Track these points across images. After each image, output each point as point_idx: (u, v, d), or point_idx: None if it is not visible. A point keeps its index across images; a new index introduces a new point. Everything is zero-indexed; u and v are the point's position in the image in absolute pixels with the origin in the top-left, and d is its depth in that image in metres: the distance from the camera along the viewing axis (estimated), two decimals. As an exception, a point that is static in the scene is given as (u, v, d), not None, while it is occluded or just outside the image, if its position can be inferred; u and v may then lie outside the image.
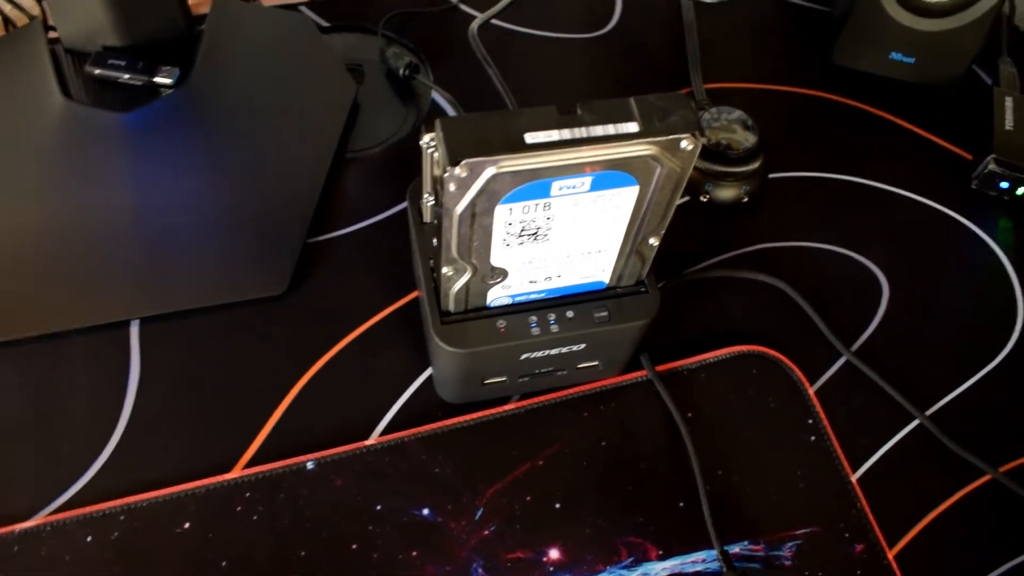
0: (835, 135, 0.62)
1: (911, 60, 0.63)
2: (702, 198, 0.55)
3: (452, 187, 0.34)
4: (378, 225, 0.54)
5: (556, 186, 0.35)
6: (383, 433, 0.47)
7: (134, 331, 0.49)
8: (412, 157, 0.57)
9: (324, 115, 0.57)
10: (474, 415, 0.48)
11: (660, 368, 0.50)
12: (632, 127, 0.34)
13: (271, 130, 0.55)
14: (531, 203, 0.36)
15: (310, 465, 0.46)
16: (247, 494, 0.45)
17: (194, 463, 0.46)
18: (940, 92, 0.65)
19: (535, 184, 0.35)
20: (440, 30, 0.63)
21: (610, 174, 0.35)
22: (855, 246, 0.56)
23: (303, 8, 0.64)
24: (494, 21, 0.64)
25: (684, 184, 0.37)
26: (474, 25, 0.55)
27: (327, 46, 0.60)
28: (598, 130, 0.34)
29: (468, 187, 0.34)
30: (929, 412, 0.50)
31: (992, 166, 0.58)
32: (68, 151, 0.52)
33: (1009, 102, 0.61)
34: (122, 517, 0.44)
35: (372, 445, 0.46)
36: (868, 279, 0.55)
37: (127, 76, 0.54)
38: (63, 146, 0.52)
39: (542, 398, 0.49)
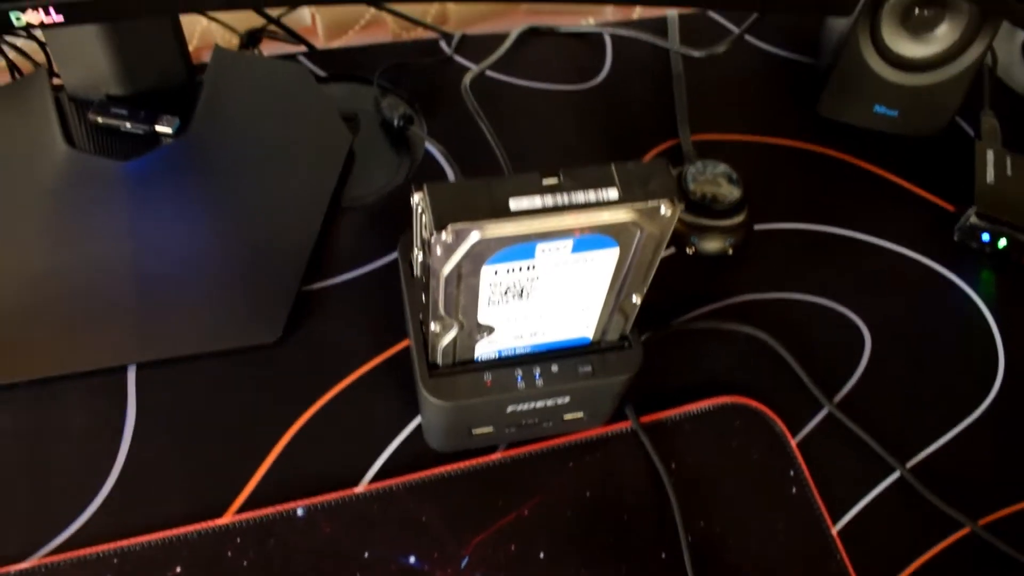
0: (819, 186, 0.63)
1: (894, 113, 0.64)
2: (688, 250, 0.57)
3: (439, 251, 0.35)
4: (371, 274, 0.55)
5: (540, 248, 0.36)
6: (373, 480, 0.48)
7: (131, 376, 0.50)
8: (406, 206, 0.58)
9: (320, 164, 0.58)
10: (462, 464, 0.49)
11: (645, 419, 0.51)
12: (613, 193, 0.35)
13: (268, 179, 0.57)
14: (515, 264, 0.37)
15: (300, 512, 0.47)
16: (238, 540, 0.46)
17: (187, 508, 0.46)
18: (923, 144, 0.66)
19: (519, 247, 0.36)
20: (435, 81, 0.65)
21: (592, 237, 0.37)
22: (838, 298, 0.57)
23: (301, 58, 0.65)
24: (488, 73, 0.65)
25: (664, 246, 0.38)
26: (467, 79, 0.57)
27: (324, 96, 0.62)
28: (579, 196, 0.35)
29: (454, 250, 0.35)
30: (910, 464, 0.51)
31: (973, 219, 0.59)
32: (70, 198, 0.54)
33: (990, 155, 0.62)
34: (115, 560, 0.45)
35: (362, 493, 0.47)
36: (851, 331, 0.56)
37: (129, 125, 0.56)
38: (65, 193, 0.54)
39: (528, 447, 0.49)
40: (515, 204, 0.35)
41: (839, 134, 0.66)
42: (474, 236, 0.34)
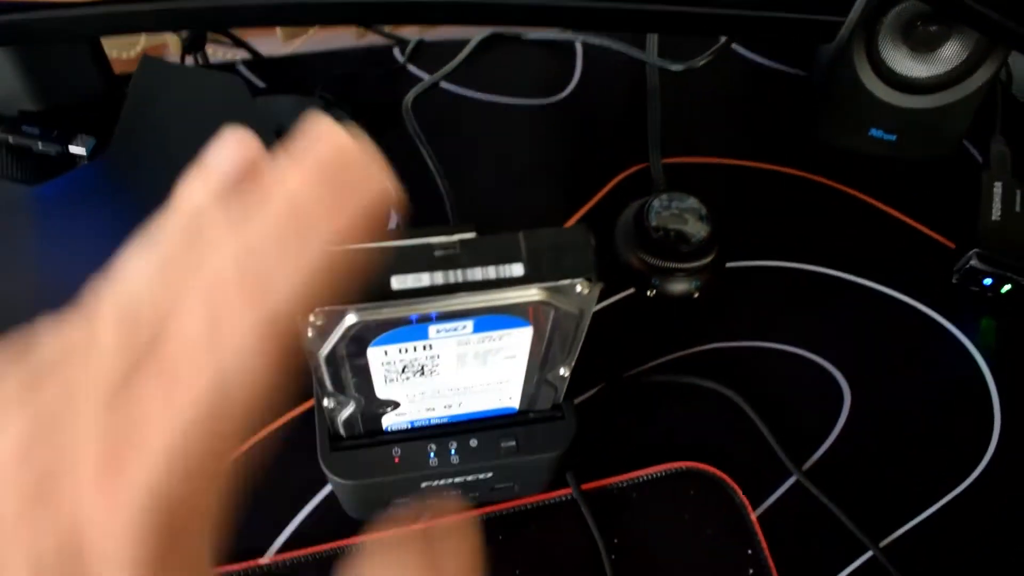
0: (804, 218, 0.57)
1: (892, 138, 0.58)
2: (648, 292, 0.51)
3: (310, 333, 0.30)
4: (299, 311, 0.51)
5: (433, 329, 0.31)
6: (282, 549, 0.44)
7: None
8: (343, 235, 0.53)
9: (250, 189, 0.53)
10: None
11: (588, 486, 0.46)
12: (517, 270, 0.30)
13: (190, 205, 0.52)
14: (408, 344, 0.32)
15: (197, 587, 0.42)
16: (127, 617, 0.41)
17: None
18: (925, 170, 0.60)
19: (408, 328, 0.31)
20: (384, 94, 0.59)
21: (495, 317, 0.31)
22: (817, 347, 0.52)
23: (241, 67, 0.60)
24: (443, 84, 0.60)
25: (587, 323, 0.33)
26: (408, 97, 0.52)
27: (258, 112, 0.57)
28: (477, 273, 0.30)
29: (328, 334, 0.30)
30: (884, 543, 0.46)
31: (975, 261, 0.53)
32: (-28, 225, 0.49)
33: (998, 188, 0.56)
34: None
35: (267, 564, 0.43)
36: (828, 386, 0.50)
37: (40, 145, 0.51)
38: (-34, 220, 0.49)
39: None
40: (398, 282, 0.29)
41: (830, 159, 0.60)
42: (348, 319, 0.29)
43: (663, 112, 0.59)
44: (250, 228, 0.18)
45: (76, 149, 0.51)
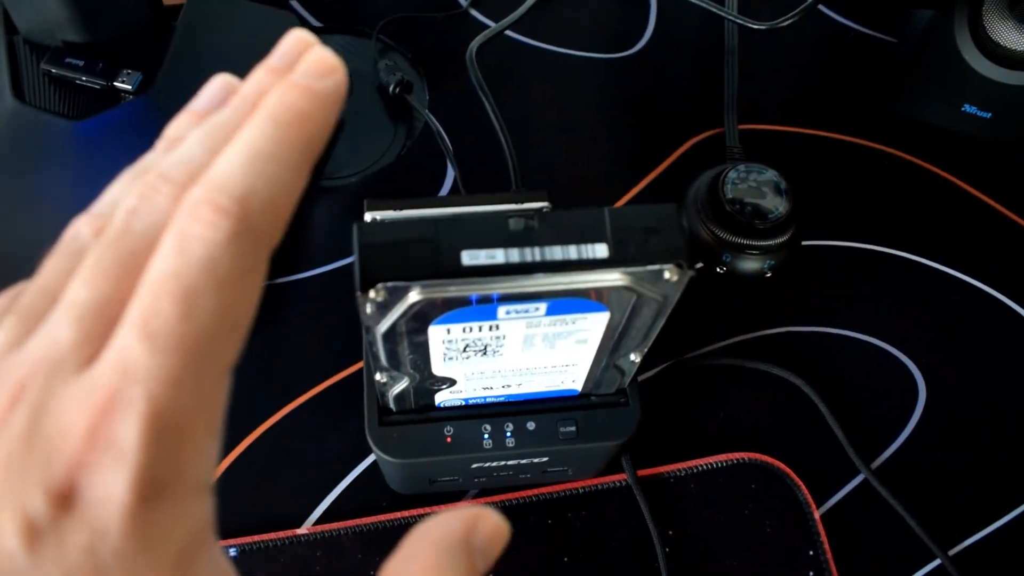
0: (886, 197, 0.53)
1: (987, 115, 0.54)
2: (718, 269, 0.48)
3: (368, 308, 0.27)
4: (347, 269, 0.48)
5: (502, 310, 0.29)
6: (319, 520, 0.42)
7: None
8: (395, 188, 0.50)
9: (299, 135, 0.51)
10: (422, 510, 0.42)
11: (644, 472, 0.43)
12: (600, 251, 0.27)
13: (237, 150, 0.49)
14: (473, 324, 0.29)
15: (232, 552, 0.41)
16: (159, 579, 0.40)
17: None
18: (1019, 152, 0.56)
19: (475, 308, 0.28)
20: (445, 39, 0.56)
21: (572, 300, 0.29)
22: (893, 337, 0.48)
23: (295, 3, 0.57)
24: (508, 33, 0.56)
25: (669, 311, 0.30)
26: (473, 45, 0.48)
27: (312, 53, 0.54)
28: (556, 252, 0.27)
29: (388, 309, 0.27)
30: (953, 551, 0.43)
31: (1068, 253, 0.49)
32: (11, 161, 0.47)
33: (1098, 175, 0.52)
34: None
35: (304, 535, 0.41)
36: (903, 379, 0.47)
37: (84, 78, 0.48)
38: (8, 155, 0.47)
39: (502, 496, 0.43)
40: (469, 258, 0.27)
41: (918, 135, 0.55)
42: (412, 296, 0.27)
43: (740, 75, 0.55)
44: (211, 122, 0.20)
45: (122, 84, 0.48)
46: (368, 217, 0.33)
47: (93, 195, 0.46)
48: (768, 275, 0.48)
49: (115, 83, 0.48)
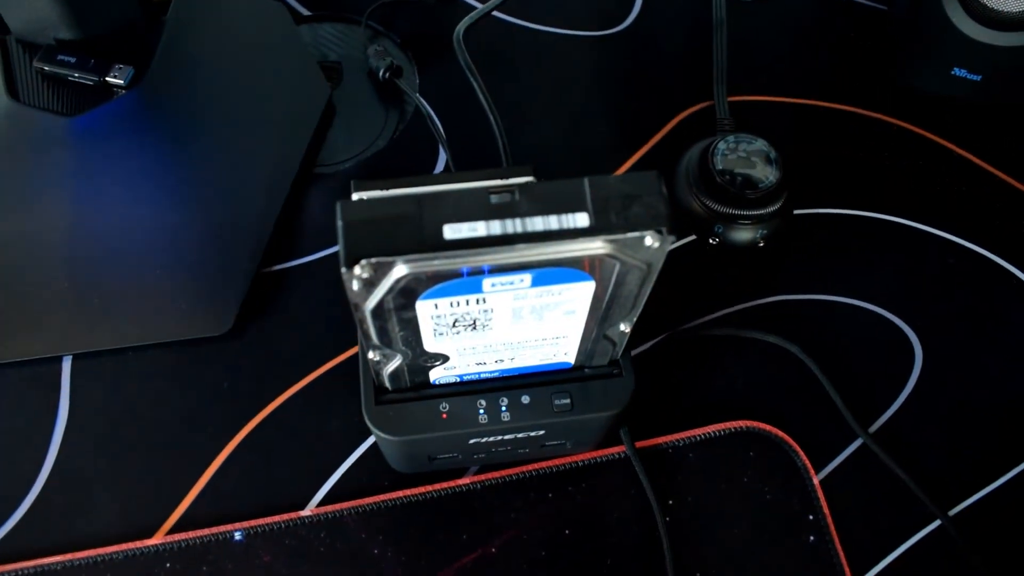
0: (878, 163, 0.53)
1: (977, 78, 0.54)
2: (711, 240, 0.48)
3: (355, 285, 0.28)
4: (342, 254, 0.48)
5: (488, 283, 0.29)
6: (322, 502, 0.42)
7: (66, 368, 0.45)
8: (388, 172, 0.50)
9: (291, 123, 0.51)
10: (423, 488, 0.42)
11: (642, 444, 0.44)
12: (582, 220, 0.28)
13: (229, 140, 0.49)
14: (460, 298, 0.30)
15: (238, 536, 0.41)
16: (167, 564, 0.41)
17: (115, 523, 0.42)
18: (1011, 115, 0.55)
19: (460, 281, 0.29)
20: (434, 23, 0.56)
21: (556, 270, 0.29)
22: (888, 302, 0.48)
23: (284, -8, 0.57)
24: (495, 14, 0.56)
25: (654, 277, 0.30)
26: (460, 27, 0.48)
27: (301, 42, 0.54)
28: (537, 223, 0.27)
29: (375, 286, 0.28)
30: (954, 511, 0.43)
31: (1063, 212, 0.49)
32: (8, 159, 0.48)
33: (1092, 133, 0.52)
34: (33, 580, 0.40)
35: (308, 517, 0.42)
36: (899, 344, 0.47)
37: (77, 74, 0.49)
38: (3, 153, 0.48)
39: (502, 472, 0.43)
40: (451, 232, 0.27)
41: (908, 100, 0.55)
42: (397, 271, 0.27)
43: (730, 46, 0.55)
44: None
45: (114, 79, 0.49)
46: (355, 197, 0.33)
47: (90, 188, 0.47)
48: (761, 244, 0.48)
49: (107, 78, 0.49)
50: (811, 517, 0.43)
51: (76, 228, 0.47)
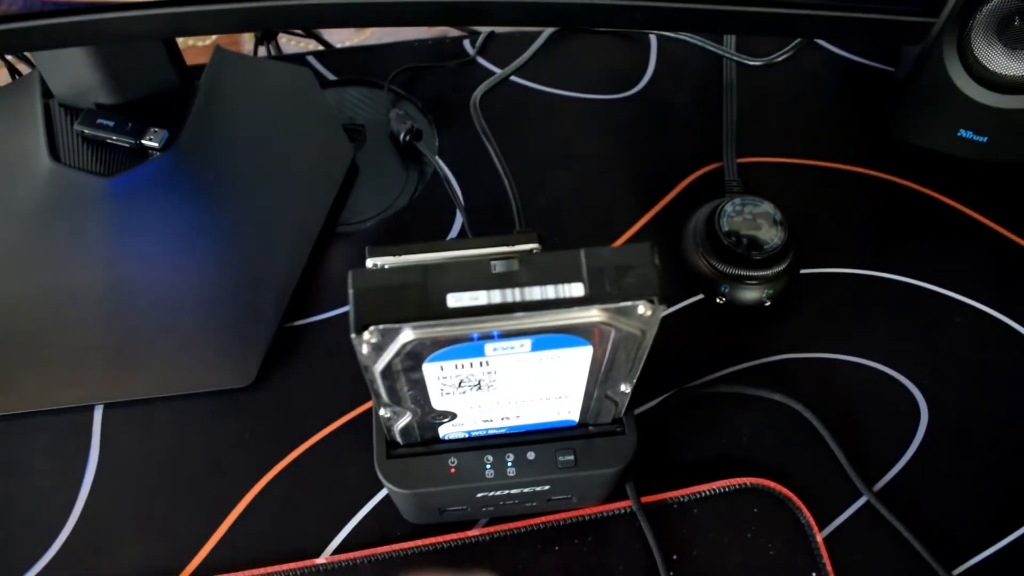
0: (885, 222, 0.54)
1: (983, 139, 0.55)
2: (718, 299, 0.50)
3: (364, 349, 0.29)
4: (362, 309, 0.50)
5: (490, 347, 0.31)
6: (337, 551, 0.44)
7: (97, 417, 0.47)
8: (406, 232, 0.53)
9: (315, 184, 0.54)
10: (434, 539, 0.44)
11: (648, 499, 0.45)
12: (577, 290, 0.29)
13: (257, 199, 0.52)
14: (464, 361, 0.32)
15: (255, 582, 0.43)
16: (187, 609, 0.42)
17: (139, 568, 0.43)
18: (1017, 175, 0.56)
19: (464, 346, 0.30)
20: (454, 87, 0.59)
21: (555, 336, 0.31)
22: (894, 361, 0.49)
23: (311, 59, 0.60)
24: (513, 79, 0.59)
25: (649, 344, 0.32)
26: (477, 94, 0.51)
27: (326, 105, 0.57)
28: (536, 292, 0.29)
29: (383, 350, 0.30)
30: (958, 571, 0.44)
31: (1068, 273, 0.50)
32: (50, 217, 0.51)
33: (1098, 195, 0.53)
34: (60, 621, 0.42)
35: (322, 564, 0.43)
36: (904, 402, 0.48)
37: (115, 137, 0.52)
38: (44, 212, 0.51)
39: (511, 525, 0.44)
40: (454, 300, 0.29)
41: (915, 160, 0.57)
42: (404, 337, 0.29)
43: (739, 109, 0.56)
44: None
45: (149, 142, 0.51)
46: (369, 263, 0.35)
47: (125, 246, 0.50)
48: (767, 304, 0.49)
49: (143, 141, 0.51)
50: (814, 574, 0.43)
51: (110, 283, 0.49)
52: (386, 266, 0.34)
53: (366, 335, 0.29)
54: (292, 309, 0.50)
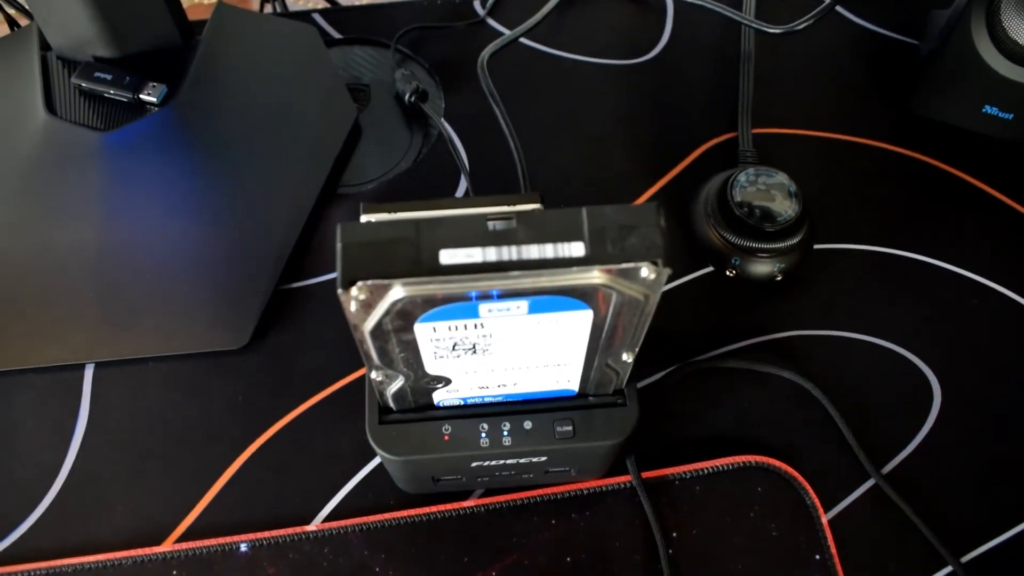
0: (904, 199, 0.53)
1: (1009, 116, 0.53)
2: (728, 272, 0.48)
3: (352, 307, 0.28)
4: (361, 273, 0.49)
5: (484, 308, 0.29)
6: (328, 518, 0.43)
7: (88, 376, 0.46)
8: (408, 195, 0.51)
9: (316, 144, 0.52)
10: (427, 509, 0.43)
11: (649, 474, 0.43)
12: (577, 249, 0.28)
13: (256, 158, 0.51)
14: (458, 322, 0.30)
15: (243, 547, 0.42)
16: (173, 572, 0.42)
17: (127, 529, 0.43)
18: (1044, 153, 0.55)
19: (457, 306, 0.29)
20: (461, 48, 0.57)
21: (552, 298, 0.29)
22: (907, 341, 0.48)
23: (316, 16, 0.58)
24: (523, 41, 0.57)
25: (652, 310, 0.30)
26: (485, 54, 0.49)
27: (331, 63, 0.55)
28: (533, 251, 0.28)
29: (372, 307, 0.28)
30: (966, 559, 0.42)
31: (1093, 255, 0.48)
32: (43, 172, 0.49)
33: None
34: (44, 581, 0.41)
35: (313, 532, 0.42)
36: (918, 384, 0.47)
37: (112, 91, 0.50)
38: (39, 166, 0.49)
39: (507, 497, 0.43)
40: (447, 257, 0.28)
41: (937, 136, 0.55)
42: (393, 294, 0.28)
43: (757, 78, 0.55)
44: None
45: (147, 96, 0.50)
46: (364, 219, 0.34)
47: (120, 201, 0.49)
48: (779, 278, 0.48)
49: (141, 95, 0.50)
50: (817, 557, 0.42)
51: (104, 240, 0.48)
52: (372, 222, 0.33)
53: (354, 291, 0.27)
54: (289, 270, 0.49)
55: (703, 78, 0.57)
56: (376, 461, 0.44)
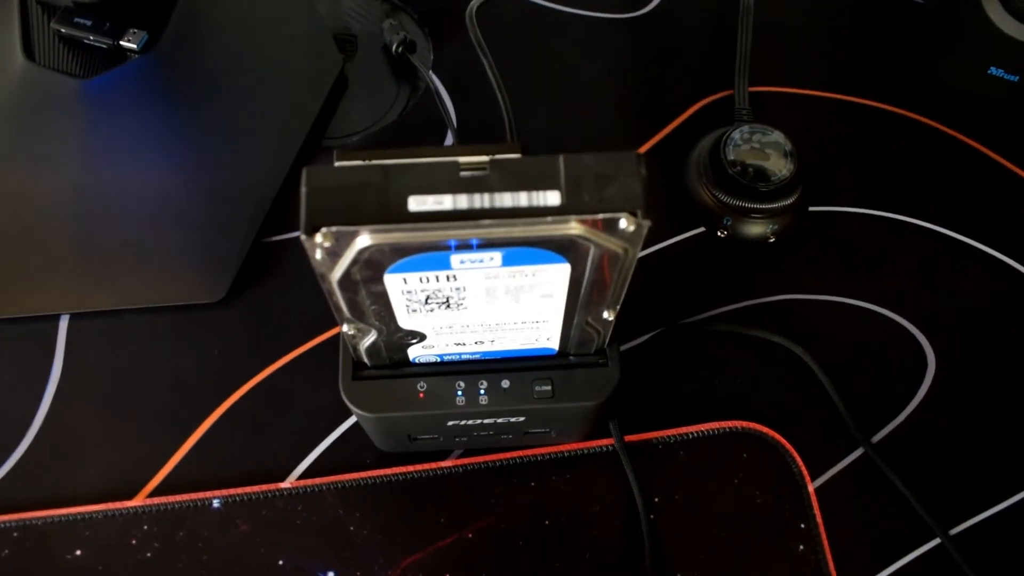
0: (903, 162, 0.51)
1: (1014, 79, 0.51)
2: (719, 232, 0.47)
3: (317, 255, 0.27)
4: (343, 228, 0.48)
5: (456, 259, 0.28)
6: (302, 476, 0.42)
7: (62, 327, 0.45)
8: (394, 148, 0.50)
9: (301, 94, 0.51)
10: (404, 468, 0.42)
11: (632, 438, 0.42)
12: (553, 198, 0.27)
13: (238, 107, 0.49)
14: (429, 273, 0.29)
15: (216, 503, 0.41)
16: (144, 527, 0.41)
17: (99, 482, 0.42)
18: (1051, 118, 0.53)
19: (428, 256, 0.28)
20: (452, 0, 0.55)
21: (527, 250, 0.28)
22: (902, 308, 0.46)
23: (304, -37, 0.56)
24: (517, -8, 0.55)
25: (633, 265, 0.29)
26: (473, 5, 0.47)
27: (316, 13, 0.53)
28: (506, 199, 0.26)
29: (338, 256, 0.27)
30: (955, 531, 0.41)
31: (1097, 223, 0.47)
32: (22, 119, 0.48)
33: None
34: (16, 534, 0.41)
35: (286, 489, 0.41)
36: (911, 352, 0.45)
37: (92, 37, 0.49)
38: (16, 113, 0.48)
39: (485, 458, 0.42)
40: (416, 204, 0.26)
41: (940, 98, 0.53)
42: (359, 242, 0.26)
43: (756, 35, 0.53)
44: None
45: (128, 43, 0.48)
46: (337, 166, 0.32)
47: (98, 150, 0.47)
48: (771, 240, 0.47)
49: (121, 42, 0.48)
50: (803, 525, 0.41)
51: (81, 188, 0.47)
52: (339, 167, 0.31)
53: (318, 238, 0.26)
54: (269, 223, 0.47)
55: (701, 33, 0.55)
56: (352, 419, 0.43)
